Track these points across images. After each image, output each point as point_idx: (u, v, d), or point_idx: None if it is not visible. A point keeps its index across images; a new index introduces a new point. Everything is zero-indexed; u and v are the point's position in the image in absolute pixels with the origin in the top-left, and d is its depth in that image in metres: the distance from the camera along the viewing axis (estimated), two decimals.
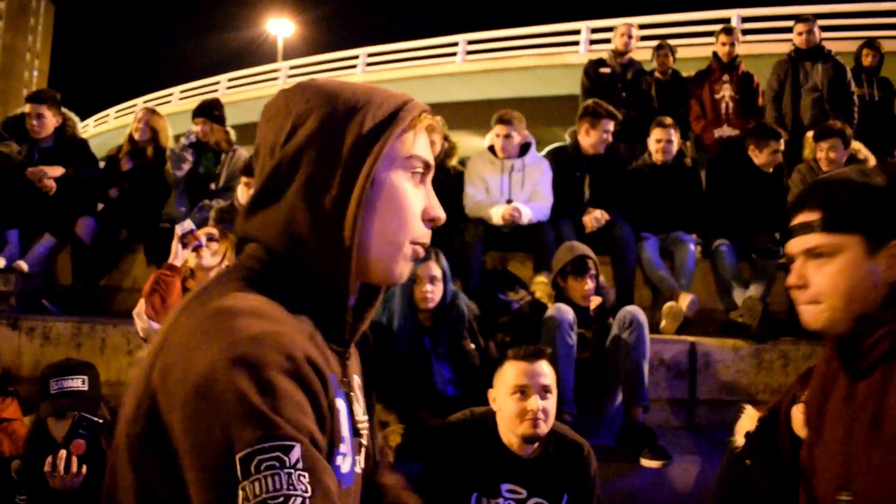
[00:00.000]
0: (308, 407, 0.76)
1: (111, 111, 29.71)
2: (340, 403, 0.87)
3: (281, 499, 0.69)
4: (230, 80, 26.59)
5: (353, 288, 0.89)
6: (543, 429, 2.46)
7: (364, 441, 0.99)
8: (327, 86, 0.92)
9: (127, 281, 4.93)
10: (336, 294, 0.88)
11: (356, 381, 0.99)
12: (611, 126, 4.84)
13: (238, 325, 0.76)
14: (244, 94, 25.12)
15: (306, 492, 0.71)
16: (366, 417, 1.01)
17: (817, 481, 1.48)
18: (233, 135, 5.31)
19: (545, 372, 2.52)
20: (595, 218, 4.57)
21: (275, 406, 0.72)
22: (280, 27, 30.83)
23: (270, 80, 25.49)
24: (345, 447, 0.87)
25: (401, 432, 2.73)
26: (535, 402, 2.44)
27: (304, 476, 0.71)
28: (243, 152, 5.22)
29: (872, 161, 5.04)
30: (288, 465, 0.71)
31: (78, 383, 2.70)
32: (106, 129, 27.57)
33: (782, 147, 4.90)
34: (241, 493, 0.69)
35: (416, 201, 0.93)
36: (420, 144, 0.94)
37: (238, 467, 0.70)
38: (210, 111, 5.29)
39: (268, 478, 0.69)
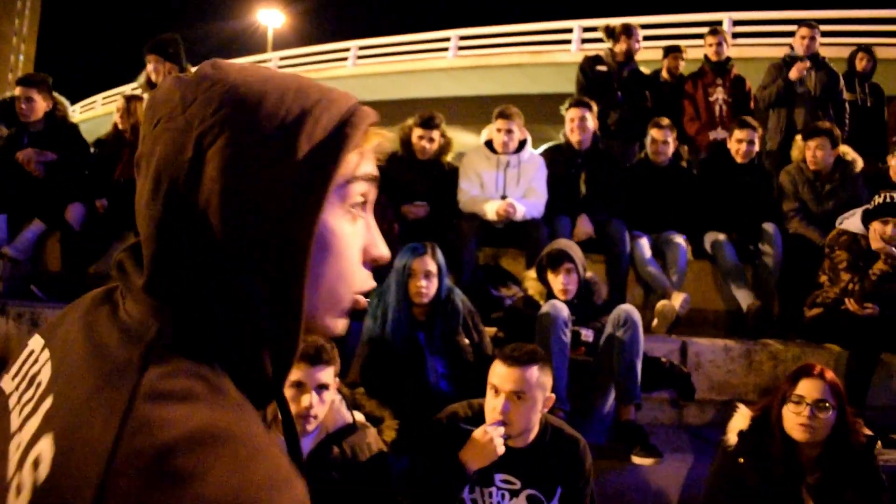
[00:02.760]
0: None
1: (98, 97, 29.33)
2: None
3: None
4: None
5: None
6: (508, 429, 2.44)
7: None
8: (242, 84, 0.65)
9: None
10: (278, 370, 0.67)
11: None
12: (588, 115, 4.89)
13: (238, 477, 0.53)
14: None
15: None
16: None
17: None
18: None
19: (518, 377, 2.45)
20: (585, 232, 4.62)
21: None
22: (270, 17, 30.65)
23: None
24: None
25: (395, 428, 2.72)
26: (498, 402, 2.44)
27: None
28: None
29: (860, 164, 5.07)
30: None
31: None
32: (93, 116, 27.26)
33: (749, 137, 4.88)
34: None
35: (355, 244, 0.70)
36: (365, 162, 0.70)
37: None
38: (164, 48, 4.96)
39: None
